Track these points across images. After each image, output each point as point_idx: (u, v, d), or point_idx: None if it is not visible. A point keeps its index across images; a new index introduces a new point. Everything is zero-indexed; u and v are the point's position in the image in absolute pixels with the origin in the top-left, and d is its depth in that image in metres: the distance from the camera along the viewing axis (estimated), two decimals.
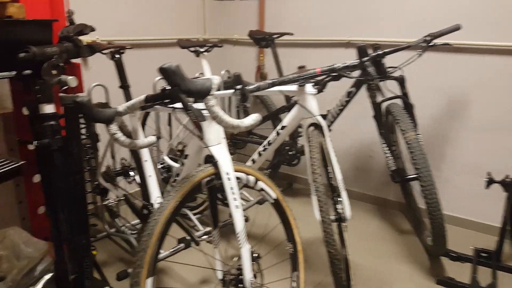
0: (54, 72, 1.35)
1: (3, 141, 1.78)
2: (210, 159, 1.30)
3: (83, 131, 1.85)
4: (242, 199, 1.50)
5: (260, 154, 1.85)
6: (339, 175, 1.58)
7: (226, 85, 2.30)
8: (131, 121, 1.75)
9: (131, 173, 2.12)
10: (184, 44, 2.10)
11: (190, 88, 0.99)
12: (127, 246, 2.12)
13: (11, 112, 1.79)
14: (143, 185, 1.86)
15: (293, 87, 1.62)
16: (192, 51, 2.14)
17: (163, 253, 2.05)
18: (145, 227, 1.13)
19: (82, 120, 1.47)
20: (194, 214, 2.18)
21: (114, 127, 1.33)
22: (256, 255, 1.28)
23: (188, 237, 1.74)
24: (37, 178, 1.83)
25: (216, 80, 1.00)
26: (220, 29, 3.02)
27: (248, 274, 1.22)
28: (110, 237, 2.20)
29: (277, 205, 1.43)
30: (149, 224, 1.14)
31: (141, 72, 2.45)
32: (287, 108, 2.34)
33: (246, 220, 1.67)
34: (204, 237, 1.80)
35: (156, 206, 1.79)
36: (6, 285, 1.40)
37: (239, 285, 1.26)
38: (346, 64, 1.59)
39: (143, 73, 2.45)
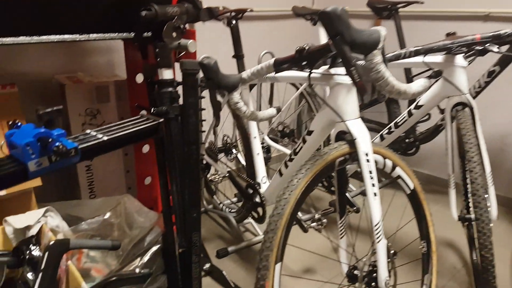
0: (174, 34, 1.26)
1: (115, 108, 1.78)
2: (344, 136, 1.12)
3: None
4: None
5: (383, 138, 1.62)
6: (488, 167, 1.31)
7: None
8: (242, 93, 1.63)
9: (233, 151, 2.04)
10: (299, 11, 1.91)
11: (355, 39, 0.80)
12: (224, 224, 2.06)
13: (124, 79, 1.77)
14: (249, 163, 1.75)
15: (438, 58, 1.36)
16: (308, 19, 1.94)
17: (257, 236, 1.95)
18: (274, 206, 1.00)
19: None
20: None
21: (237, 95, 1.21)
22: (393, 251, 1.09)
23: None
24: (146, 148, 1.82)
25: (384, 32, 0.81)
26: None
27: (383, 273, 1.04)
28: (207, 213, 2.15)
29: (414, 197, 1.22)
30: (279, 203, 1.00)
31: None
32: None
33: (357, 211, 1.47)
34: (313, 224, 1.64)
35: (263, 186, 1.67)
36: (117, 254, 1.37)
37: (372, 283, 1.08)
38: None
39: (245, 47, 2.32)
